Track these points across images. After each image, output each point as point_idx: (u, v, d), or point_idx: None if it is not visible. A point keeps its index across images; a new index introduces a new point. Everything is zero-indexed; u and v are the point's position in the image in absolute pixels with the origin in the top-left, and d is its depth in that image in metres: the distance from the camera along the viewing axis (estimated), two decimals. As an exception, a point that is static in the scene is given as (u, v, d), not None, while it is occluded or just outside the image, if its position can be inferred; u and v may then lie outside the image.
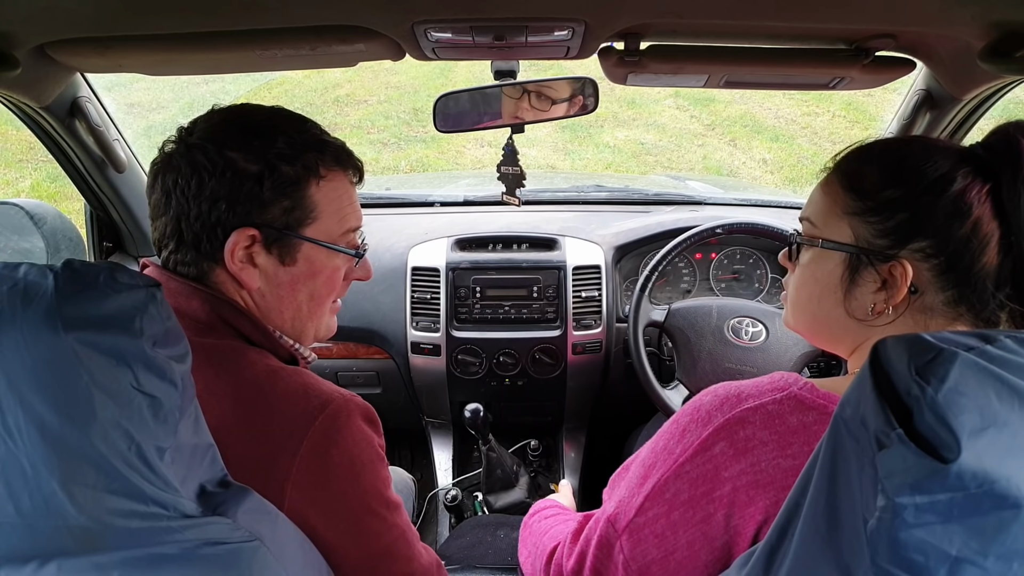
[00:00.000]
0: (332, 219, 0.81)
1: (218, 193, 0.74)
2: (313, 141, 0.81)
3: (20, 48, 0.98)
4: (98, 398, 0.51)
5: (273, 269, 0.79)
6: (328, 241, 0.81)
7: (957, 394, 0.42)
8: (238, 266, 0.76)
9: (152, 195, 0.78)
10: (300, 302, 0.82)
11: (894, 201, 0.66)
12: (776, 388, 0.68)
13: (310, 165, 0.79)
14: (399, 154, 6.22)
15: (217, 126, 0.77)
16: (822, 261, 0.73)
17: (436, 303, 1.71)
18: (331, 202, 0.81)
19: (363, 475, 0.74)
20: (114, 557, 0.53)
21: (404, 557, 0.79)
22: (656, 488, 0.71)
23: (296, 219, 0.78)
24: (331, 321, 0.90)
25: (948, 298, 0.66)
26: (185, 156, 0.75)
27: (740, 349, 1.45)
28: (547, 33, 0.98)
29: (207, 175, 0.74)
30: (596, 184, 2.22)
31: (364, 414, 0.76)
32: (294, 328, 0.84)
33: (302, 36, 0.97)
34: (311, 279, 0.82)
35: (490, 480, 1.63)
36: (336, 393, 0.74)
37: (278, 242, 0.78)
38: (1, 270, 0.54)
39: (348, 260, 0.86)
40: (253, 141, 0.76)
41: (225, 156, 0.74)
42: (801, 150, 6.24)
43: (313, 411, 0.71)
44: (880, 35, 1.01)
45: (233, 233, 0.75)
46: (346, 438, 0.72)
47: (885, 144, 0.72)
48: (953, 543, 0.42)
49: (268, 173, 0.75)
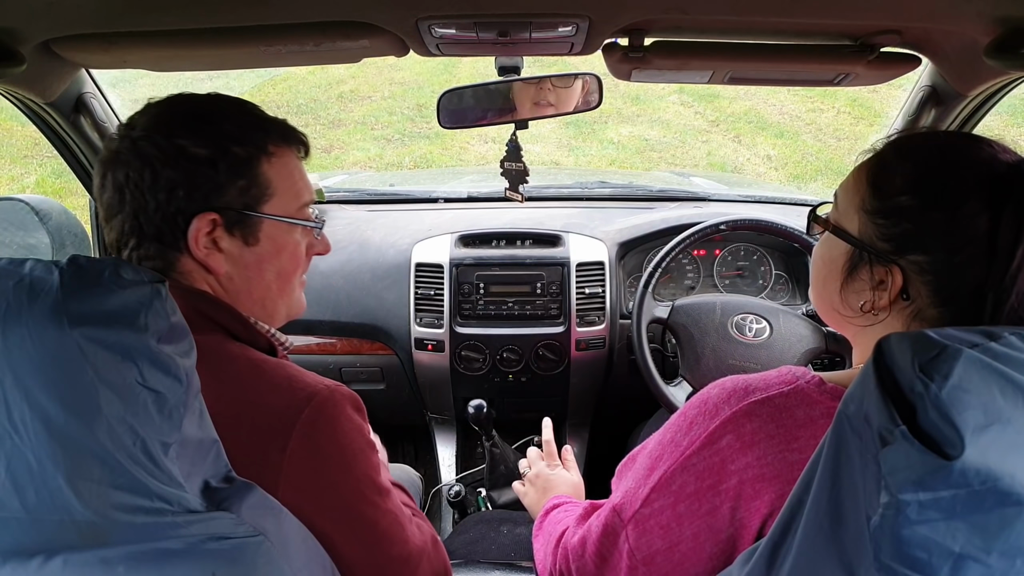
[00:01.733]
0: (288, 195, 0.82)
1: (174, 181, 0.73)
2: (257, 120, 0.81)
3: (26, 44, 0.98)
4: (103, 394, 0.52)
5: (238, 251, 0.79)
6: (287, 216, 0.82)
7: (961, 391, 0.42)
8: (203, 252, 0.76)
9: (103, 195, 0.77)
10: (269, 281, 0.83)
11: (904, 209, 0.65)
12: (784, 382, 0.68)
13: (259, 143, 0.79)
14: (403, 150, 6.22)
15: (160, 116, 0.76)
16: (832, 245, 0.73)
17: (440, 299, 1.71)
18: (284, 178, 0.81)
19: (355, 464, 0.74)
20: (119, 552, 0.54)
21: (399, 540, 0.79)
22: (662, 480, 0.71)
23: (253, 198, 0.78)
24: (300, 297, 0.91)
25: (940, 313, 0.65)
26: (132, 150, 0.74)
27: (744, 346, 1.45)
28: (551, 29, 0.97)
29: (159, 164, 0.73)
30: (600, 180, 2.21)
31: (351, 403, 0.76)
32: (265, 309, 0.84)
33: (306, 32, 0.98)
34: (276, 257, 0.82)
35: (493, 476, 1.63)
36: (321, 384, 0.74)
37: (239, 223, 0.78)
38: (7, 266, 0.54)
39: (308, 234, 0.87)
40: (200, 126, 0.75)
41: (174, 143, 0.74)
42: (806, 146, 6.22)
43: (299, 404, 0.71)
44: (885, 31, 1.01)
45: (194, 219, 0.74)
46: (335, 429, 0.72)
47: (927, 142, 0.70)
48: (956, 540, 0.42)
49: (220, 155, 0.75)
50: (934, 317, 0.65)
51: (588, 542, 0.79)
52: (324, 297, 1.74)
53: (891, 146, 0.71)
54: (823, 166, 5.82)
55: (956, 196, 0.62)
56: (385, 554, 0.77)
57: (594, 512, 0.83)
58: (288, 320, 0.90)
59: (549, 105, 1.34)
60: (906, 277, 0.65)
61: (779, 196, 2.05)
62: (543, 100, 1.33)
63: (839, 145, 6.24)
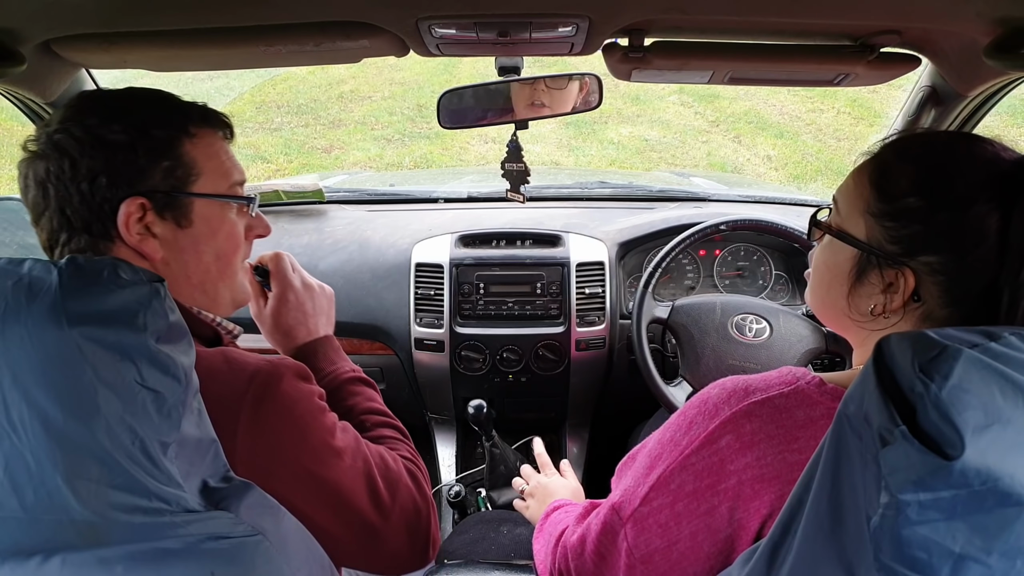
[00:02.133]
0: (215, 174, 0.81)
1: (94, 169, 0.73)
2: (175, 104, 0.80)
3: (26, 44, 0.98)
4: (102, 393, 0.52)
5: (172, 235, 0.78)
6: (217, 195, 0.81)
7: (961, 391, 0.42)
8: (136, 238, 0.75)
9: (28, 195, 0.76)
10: (208, 264, 0.82)
11: (912, 211, 0.65)
12: (784, 382, 0.68)
13: (179, 124, 0.78)
14: (403, 150, 6.22)
15: (74, 110, 0.76)
16: (836, 250, 0.73)
17: (440, 299, 1.71)
18: (209, 158, 0.80)
19: (308, 433, 0.74)
20: (118, 551, 0.54)
21: (369, 493, 0.78)
22: (661, 479, 0.71)
23: (180, 178, 0.77)
24: (244, 283, 0.89)
25: (950, 314, 0.65)
26: (49, 144, 0.73)
27: (744, 346, 1.44)
28: (551, 29, 0.97)
29: (78, 154, 0.72)
30: (600, 180, 2.21)
31: (294, 372, 0.76)
32: (207, 294, 0.83)
33: (307, 32, 0.97)
34: (212, 238, 0.81)
35: (493, 476, 1.63)
36: (262, 361, 0.73)
37: (169, 206, 0.77)
38: (6, 265, 0.54)
39: (244, 216, 0.86)
40: (115, 114, 0.75)
41: (91, 133, 0.73)
42: (805, 146, 6.22)
43: (242, 387, 0.70)
44: (885, 31, 1.01)
45: (122, 205, 0.73)
46: (281, 402, 0.72)
47: (926, 143, 0.70)
48: (957, 540, 0.42)
49: (139, 138, 0.74)
50: (945, 317, 0.65)
51: (587, 540, 0.79)
52: (324, 297, 1.74)
53: (890, 148, 0.71)
54: (823, 166, 5.82)
55: (965, 195, 0.62)
56: (357, 510, 0.77)
57: (593, 511, 0.83)
58: (235, 308, 0.89)
59: (549, 105, 1.34)
60: (917, 279, 0.65)
61: (779, 196, 2.05)
62: (543, 100, 1.33)
63: (839, 145, 6.24)
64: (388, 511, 0.80)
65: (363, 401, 0.95)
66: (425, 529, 0.84)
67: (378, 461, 0.82)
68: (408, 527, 0.82)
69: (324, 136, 6.56)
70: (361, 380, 0.98)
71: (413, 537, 0.83)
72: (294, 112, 7.08)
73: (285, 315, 0.98)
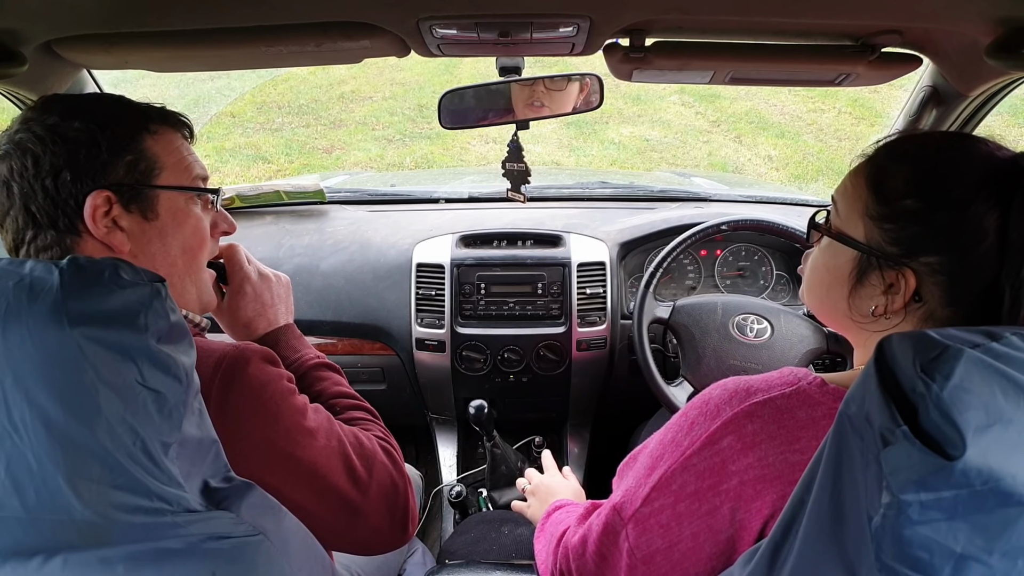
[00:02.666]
0: (177, 168, 0.82)
1: (57, 165, 0.73)
2: (134, 104, 0.82)
3: (27, 45, 0.99)
4: (103, 393, 0.52)
5: (139, 227, 0.78)
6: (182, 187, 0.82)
7: (962, 391, 0.42)
8: (104, 231, 0.75)
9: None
10: (174, 257, 0.82)
11: (911, 213, 0.65)
12: (785, 383, 0.68)
13: (138, 122, 0.79)
14: (404, 150, 6.22)
15: (35, 111, 0.77)
16: (835, 252, 0.73)
17: (441, 299, 1.71)
18: (170, 154, 0.81)
19: (280, 414, 0.75)
20: (119, 551, 0.54)
21: (344, 470, 0.79)
22: (663, 479, 0.71)
23: (143, 172, 0.78)
24: (208, 285, 0.90)
25: (952, 313, 0.65)
26: (11, 144, 0.74)
27: (745, 346, 1.44)
28: (552, 29, 0.97)
29: (40, 151, 0.73)
30: (601, 181, 2.21)
31: (262, 356, 0.76)
32: (173, 288, 0.83)
33: (308, 32, 0.98)
34: (179, 230, 0.82)
35: (494, 476, 1.63)
36: (228, 347, 0.74)
37: (135, 198, 0.78)
38: (7, 266, 0.54)
39: (209, 211, 0.87)
40: (75, 112, 0.76)
41: (52, 130, 0.74)
42: (807, 146, 6.22)
43: (208, 373, 0.71)
44: (886, 31, 1.01)
45: (88, 198, 0.74)
46: (249, 385, 0.73)
47: (922, 144, 0.70)
48: (958, 540, 0.42)
49: (100, 134, 0.75)
50: (947, 317, 0.65)
51: (589, 541, 0.80)
52: (325, 297, 1.74)
53: (885, 149, 0.71)
54: (824, 166, 5.81)
55: (962, 195, 0.62)
56: (333, 488, 0.77)
57: (595, 511, 0.83)
58: (202, 310, 0.90)
59: (550, 105, 1.34)
60: (918, 279, 0.65)
61: (780, 196, 2.05)
62: (544, 101, 1.33)
63: (840, 145, 6.23)
64: (366, 487, 0.80)
65: (331, 386, 0.96)
66: (404, 504, 0.85)
67: (351, 440, 0.83)
68: (387, 502, 0.83)
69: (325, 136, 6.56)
70: (326, 366, 0.99)
71: (392, 511, 0.84)
72: (295, 112, 7.08)
73: (244, 307, 0.99)
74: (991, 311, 0.62)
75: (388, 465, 0.85)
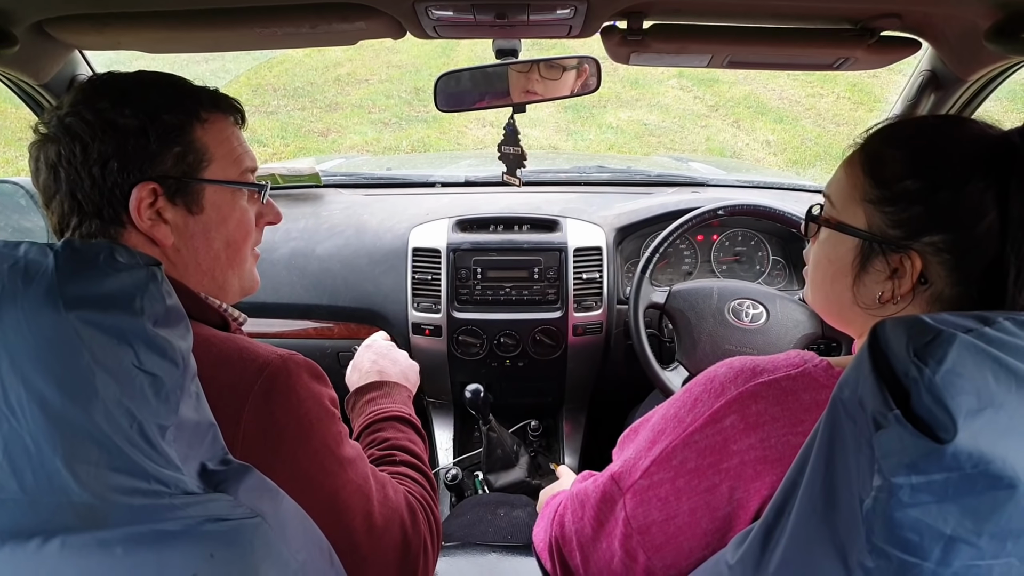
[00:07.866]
0: (226, 160, 0.81)
1: (106, 154, 0.72)
2: (185, 88, 0.80)
3: (18, 25, 0.98)
4: (100, 376, 0.52)
5: (183, 221, 0.78)
6: (228, 181, 0.81)
7: (955, 375, 0.42)
8: (148, 224, 0.75)
9: (39, 178, 0.76)
10: (217, 250, 0.81)
11: (911, 193, 0.65)
12: (791, 365, 0.68)
13: (190, 109, 0.78)
14: (400, 134, 6.20)
15: (85, 94, 0.75)
16: (836, 243, 0.72)
17: (437, 284, 1.71)
18: (220, 144, 0.80)
19: (312, 435, 0.73)
20: (117, 533, 0.54)
21: (362, 512, 0.78)
22: (664, 454, 0.72)
23: (191, 164, 0.77)
24: (253, 271, 0.89)
25: (959, 293, 0.65)
26: (61, 128, 0.73)
27: (740, 331, 1.45)
28: (549, 11, 0.97)
29: (89, 138, 0.72)
30: (598, 165, 2.20)
31: (307, 370, 0.75)
32: (216, 281, 0.83)
33: (302, 14, 0.97)
34: (223, 225, 0.81)
35: (490, 460, 1.64)
36: (273, 354, 0.73)
37: (180, 191, 0.77)
38: (1, 248, 0.54)
39: (255, 202, 0.86)
40: (126, 98, 0.74)
41: (102, 117, 0.72)
42: (805, 131, 6.21)
43: (251, 377, 0.70)
44: (885, 15, 1.00)
45: (133, 190, 0.73)
46: (289, 399, 0.72)
47: (914, 127, 0.70)
48: (948, 522, 0.42)
49: (150, 123, 0.74)
50: (955, 297, 0.65)
51: (587, 505, 0.80)
52: (321, 282, 1.74)
53: (878, 136, 0.71)
54: (822, 151, 5.80)
55: (960, 172, 0.62)
56: (346, 527, 0.76)
57: (591, 478, 0.84)
58: (243, 296, 0.89)
59: (547, 89, 1.33)
60: (924, 260, 0.65)
61: (778, 181, 2.04)
62: (541, 84, 1.32)
63: (839, 130, 6.22)
64: (379, 536, 0.79)
65: (403, 439, 0.96)
66: (413, 569, 0.83)
67: (378, 486, 0.81)
68: (397, 556, 0.81)
69: (321, 119, 6.52)
70: (413, 425, 1.00)
71: (400, 571, 0.82)
72: (290, 95, 7.04)
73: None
74: (997, 288, 0.62)
75: (407, 523, 0.83)
